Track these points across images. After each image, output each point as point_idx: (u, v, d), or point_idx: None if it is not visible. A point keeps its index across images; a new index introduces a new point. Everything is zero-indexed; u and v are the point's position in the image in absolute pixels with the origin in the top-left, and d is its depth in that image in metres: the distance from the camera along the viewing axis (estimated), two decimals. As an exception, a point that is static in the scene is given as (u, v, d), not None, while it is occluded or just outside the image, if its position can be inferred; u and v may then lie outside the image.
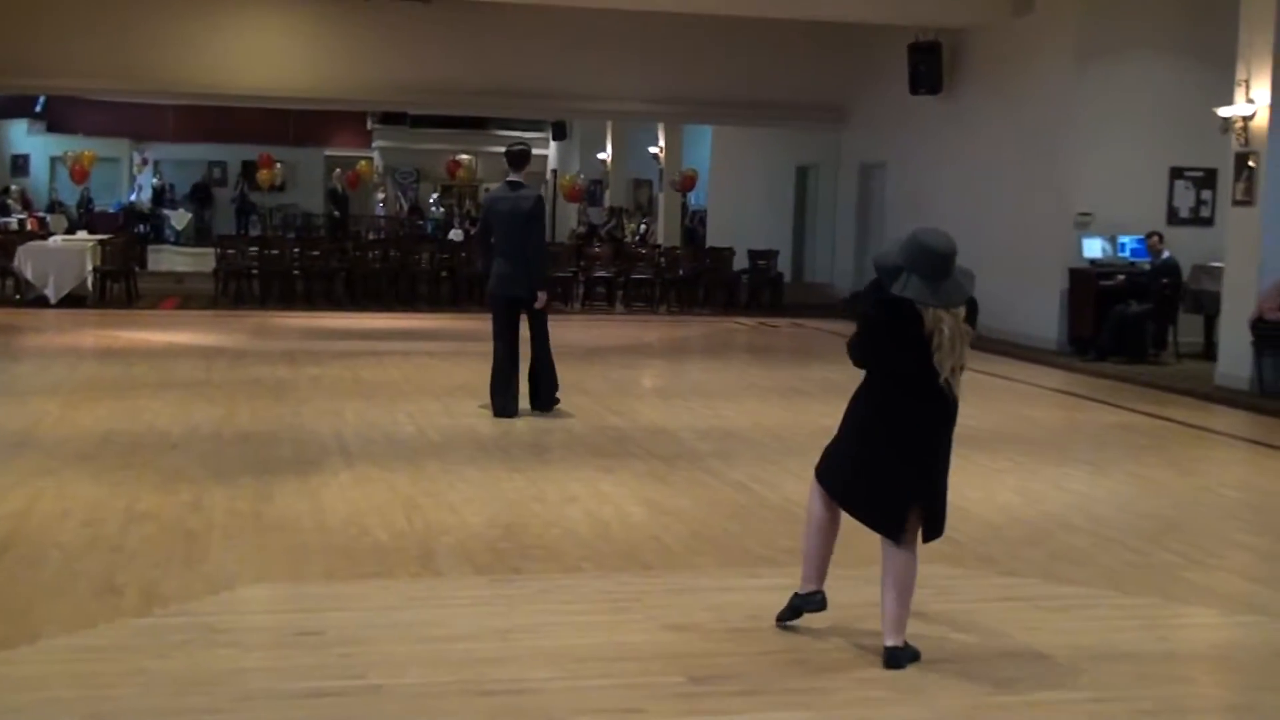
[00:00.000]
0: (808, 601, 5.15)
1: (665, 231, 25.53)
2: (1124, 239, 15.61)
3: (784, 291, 21.08)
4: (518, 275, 9.89)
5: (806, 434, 9.83)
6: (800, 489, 7.77)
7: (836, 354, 15.27)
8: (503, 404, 10.02)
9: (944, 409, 4.78)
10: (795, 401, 11.48)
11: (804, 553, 5.18)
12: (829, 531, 5.12)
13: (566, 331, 17.64)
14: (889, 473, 4.81)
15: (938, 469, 4.86)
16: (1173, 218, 15.84)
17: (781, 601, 5.28)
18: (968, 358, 4.70)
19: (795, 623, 5.24)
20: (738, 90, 21.29)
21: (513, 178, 10.06)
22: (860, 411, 4.93)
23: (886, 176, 20.53)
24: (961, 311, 4.68)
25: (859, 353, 4.88)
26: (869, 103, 21.03)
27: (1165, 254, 14.72)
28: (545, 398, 10.25)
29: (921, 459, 4.82)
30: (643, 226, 28.14)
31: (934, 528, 4.95)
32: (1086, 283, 15.47)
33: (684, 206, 27.12)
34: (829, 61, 21.27)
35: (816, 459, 5.14)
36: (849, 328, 5.49)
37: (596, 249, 21.60)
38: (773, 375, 13.33)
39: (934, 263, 4.58)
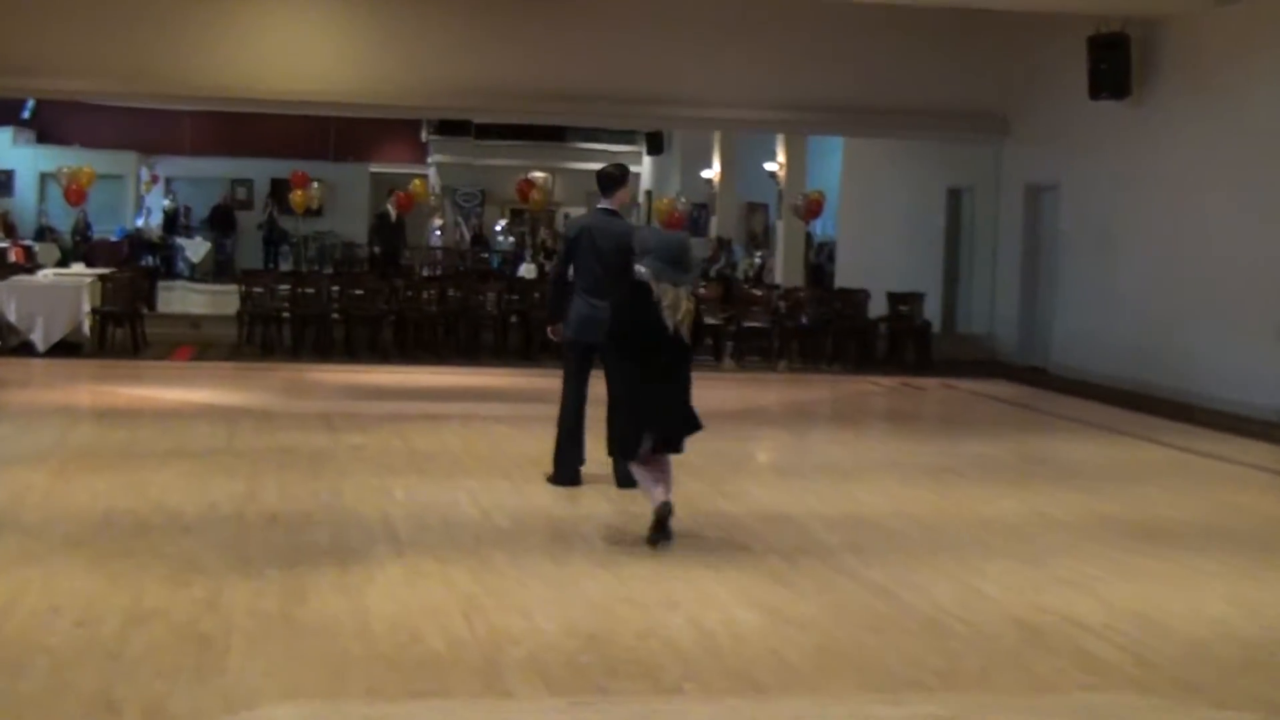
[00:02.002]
0: (666, 508, 8.50)
1: (785, 268, 25.54)
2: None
3: (931, 344, 20.95)
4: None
5: (961, 523, 9.75)
6: (956, 591, 7.70)
7: (995, 424, 15.26)
8: (571, 469, 10.38)
9: (671, 353, 8.46)
10: (947, 482, 11.38)
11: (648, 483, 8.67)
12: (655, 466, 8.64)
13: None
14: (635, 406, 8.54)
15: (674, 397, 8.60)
16: None
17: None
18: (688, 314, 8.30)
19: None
20: (875, 94, 21.26)
21: (607, 205, 10.36)
22: (611, 379, 8.65)
23: (1060, 200, 20.38)
24: (685, 290, 8.31)
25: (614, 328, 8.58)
26: (1038, 110, 20.91)
27: None
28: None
29: (659, 392, 8.53)
30: (757, 261, 28.19)
31: (674, 444, 8.81)
32: (1318, 337, 15.19)
33: (808, 237, 27.13)
34: (989, 59, 21.21)
35: (973, 555, 5.06)
36: (1007, 389, 5.49)
37: (700, 290, 21.62)
38: (918, 449, 13.20)
39: (672, 253, 8.38)
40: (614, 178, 10.37)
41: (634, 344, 8.46)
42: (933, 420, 16.12)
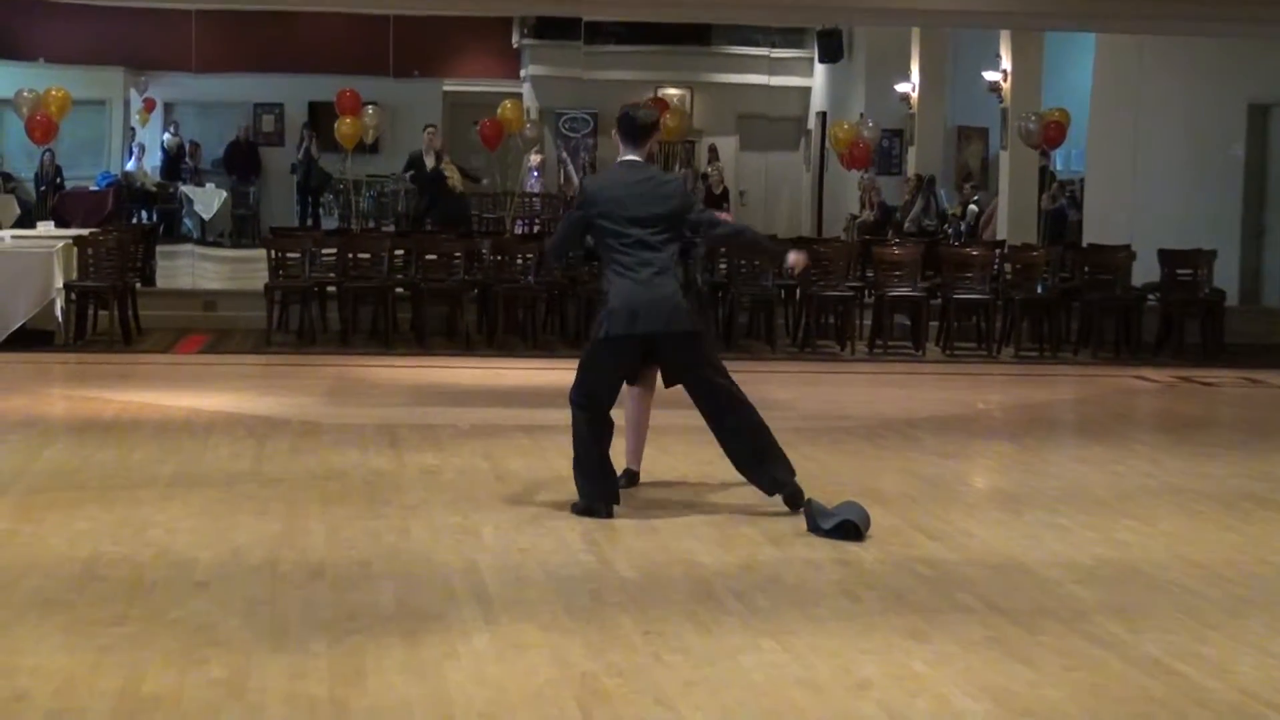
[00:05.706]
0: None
1: (1011, 217, 25.33)
2: None
3: (1225, 323, 20.65)
4: (669, 298, 10.82)
5: (1273, 574, 9.59)
6: (1267, 670, 7.56)
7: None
8: (603, 492, 10.85)
9: None
10: (1251, 517, 11.23)
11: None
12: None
13: (842, 391, 17.54)
14: None
15: None
16: None
17: None
18: None
19: None
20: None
21: (632, 156, 10.91)
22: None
23: None
24: None
25: None
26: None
27: None
28: (773, 473, 10.84)
29: None
30: (973, 208, 27.98)
31: None
32: None
33: (1044, 174, 26.86)
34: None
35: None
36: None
37: (893, 249, 21.48)
38: (1208, 471, 13.02)
39: None
40: (650, 125, 11.02)
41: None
42: (1229, 429, 15.89)
